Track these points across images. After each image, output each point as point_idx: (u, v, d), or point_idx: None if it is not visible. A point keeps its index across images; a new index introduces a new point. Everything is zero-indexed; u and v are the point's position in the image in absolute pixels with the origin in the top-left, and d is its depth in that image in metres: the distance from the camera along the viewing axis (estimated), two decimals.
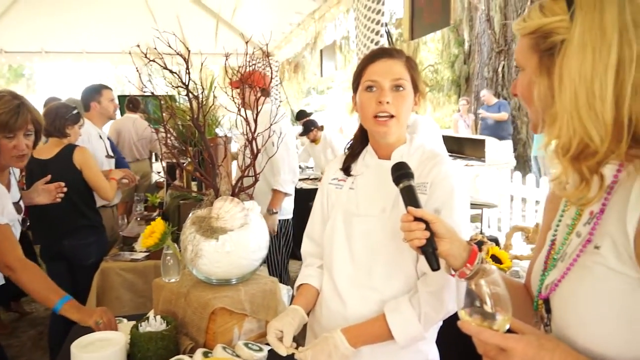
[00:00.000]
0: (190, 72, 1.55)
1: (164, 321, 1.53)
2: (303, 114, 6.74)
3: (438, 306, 1.24)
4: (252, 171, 1.61)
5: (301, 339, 1.39)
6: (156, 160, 5.84)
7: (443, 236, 1.03)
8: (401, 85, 1.31)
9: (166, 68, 1.54)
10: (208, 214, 1.52)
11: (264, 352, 1.46)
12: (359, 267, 1.35)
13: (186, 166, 2.64)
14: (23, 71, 20.04)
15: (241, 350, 1.45)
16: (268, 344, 1.31)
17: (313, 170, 6.34)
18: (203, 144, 1.64)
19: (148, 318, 1.54)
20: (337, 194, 1.45)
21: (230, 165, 3.00)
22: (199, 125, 1.60)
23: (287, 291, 1.93)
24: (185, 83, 1.55)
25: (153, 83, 1.66)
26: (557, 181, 0.85)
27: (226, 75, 1.71)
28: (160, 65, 1.53)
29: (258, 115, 1.61)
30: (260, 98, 1.67)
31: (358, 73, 1.38)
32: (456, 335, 0.87)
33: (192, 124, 1.61)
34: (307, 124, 6.02)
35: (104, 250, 3.00)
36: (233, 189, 1.60)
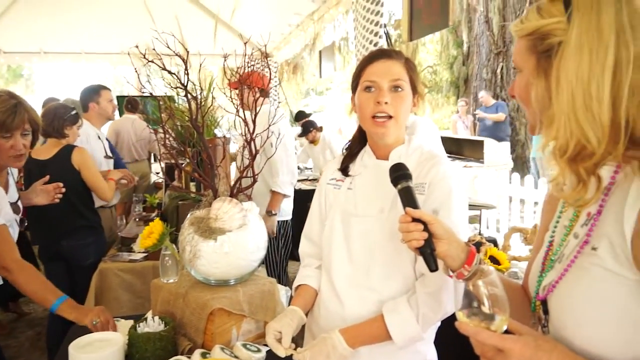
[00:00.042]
0: (189, 73, 1.55)
1: (162, 322, 1.53)
2: (302, 115, 6.73)
3: (436, 307, 1.24)
4: (251, 172, 1.61)
5: (299, 340, 1.39)
6: (155, 161, 5.84)
7: (441, 237, 1.03)
8: (400, 86, 1.31)
9: (165, 69, 1.54)
10: (206, 215, 1.52)
11: (262, 353, 1.46)
12: (357, 268, 1.34)
13: (185, 167, 2.64)
14: (22, 72, 20.01)
15: (239, 351, 1.45)
16: (266, 345, 1.31)
17: (312, 171, 6.34)
18: (201, 145, 1.64)
19: (146, 319, 1.54)
20: (335, 194, 1.45)
21: (228, 166, 3.00)
22: (198, 126, 1.60)
23: (286, 292, 1.93)
24: (184, 84, 1.55)
25: (152, 84, 1.66)
26: (555, 182, 0.85)
27: (225, 76, 1.71)
28: (159, 66, 1.53)
29: (256, 116, 1.61)
30: (258, 99, 1.67)
31: (357, 74, 1.38)
32: (454, 335, 0.87)
33: (191, 125, 1.61)
34: (306, 125, 6.02)
35: (103, 250, 3.00)
36: (231, 190, 1.60)
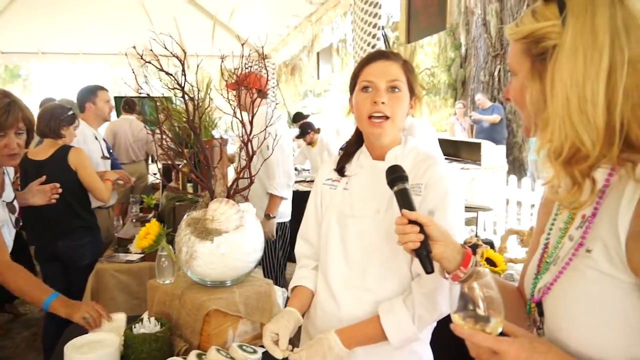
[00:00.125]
0: (186, 74, 1.55)
1: (158, 323, 1.53)
2: (300, 116, 6.73)
3: (431, 308, 1.24)
4: (248, 173, 1.61)
5: (296, 341, 1.39)
6: (152, 161, 5.84)
7: (437, 239, 1.04)
8: (397, 86, 1.31)
9: (162, 70, 1.54)
10: (203, 216, 1.52)
11: (258, 354, 1.46)
12: (353, 268, 1.35)
13: (182, 168, 2.64)
14: (19, 72, 19.97)
15: (235, 352, 1.45)
16: (262, 346, 1.31)
17: (309, 172, 6.34)
18: (199, 146, 1.64)
19: (142, 319, 1.54)
20: (331, 195, 1.45)
21: (225, 167, 3.00)
22: (195, 127, 1.60)
23: (282, 293, 1.92)
24: (181, 85, 1.55)
25: (149, 84, 1.66)
26: (550, 185, 0.85)
27: (222, 77, 1.71)
28: (156, 67, 1.53)
29: (254, 117, 1.61)
30: (256, 100, 1.67)
31: (355, 74, 1.39)
32: (450, 336, 0.87)
33: (188, 126, 1.61)
34: (304, 127, 6.02)
35: (99, 251, 3.00)
36: (228, 191, 1.60)
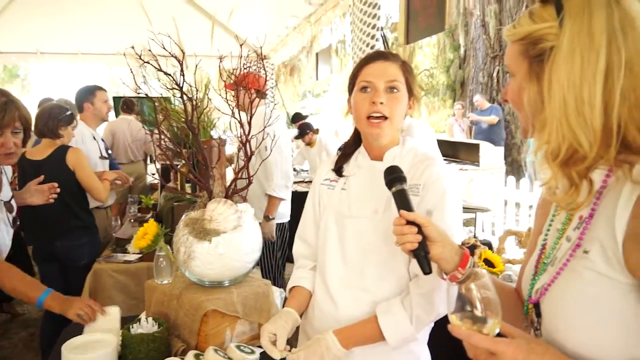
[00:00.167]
0: (184, 74, 1.55)
1: (156, 323, 1.53)
2: (298, 117, 6.74)
3: (429, 308, 1.24)
4: (246, 174, 1.61)
5: (294, 341, 1.39)
6: (151, 162, 5.83)
7: (435, 240, 1.04)
8: (395, 87, 1.32)
9: (160, 70, 1.53)
10: (201, 216, 1.52)
11: (256, 355, 1.46)
12: (351, 269, 1.35)
13: (180, 168, 2.64)
14: (18, 72, 19.94)
15: (233, 352, 1.45)
16: (260, 347, 1.31)
17: (308, 173, 6.34)
18: (197, 146, 1.64)
19: (140, 320, 1.53)
20: (329, 195, 1.45)
21: (224, 167, 3.00)
22: (193, 127, 1.60)
23: (280, 294, 1.92)
24: (179, 85, 1.55)
25: (148, 85, 1.66)
26: (547, 186, 0.85)
27: (220, 77, 1.71)
28: (154, 67, 1.53)
29: (252, 117, 1.61)
30: (254, 100, 1.67)
31: (354, 75, 1.39)
32: (448, 337, 0.87)
33: (186, 126, 1.61)
34: (303, 127, 6.02)
35: (97, 251, 2.99)
36: (227, 191, 1.60)
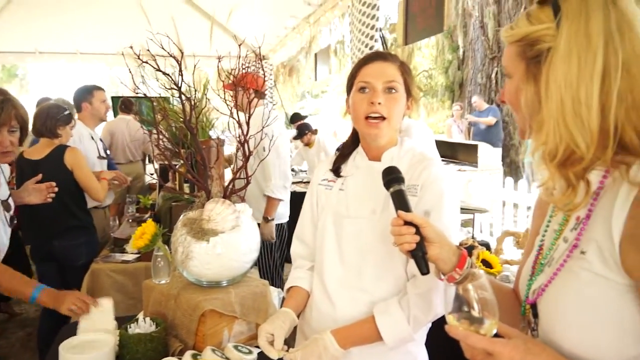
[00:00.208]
0: (183, 74, 1.55)
1: (154, 323, 1.53)
2: (297, 117, 6.74)
3: (426, 309, 1.24)
4: (244, 174, 1.61)
5: (291, 342, 1.39)
6: (149, 162, 5.83)
7: (433, 240, 1.04)
8: (393, 87, 1.32)
9: (159, 70, 1.53)
10: (199, 216, 1.52)
11: (254, 355, 1.46)
12: (349, 269, 1.35)
13: (178, 168, 2.64)
14: (16, 71, 19.91)
15: (231, 352, 1.45)
16: (258, 347, 1.31)
17: (307, 173, 6.34)
18: (195, 146, 1.64)
19: (137, 320, 1.53)
20: (327, 195, 1.45)
21: (222, 167, 3.00)
22: (191, 127, 1.60)
23: (278, 294, 1.93)
24: (178, 85, 1.55)
25: (146, 84, 1.66)
26: (545, 187, 0.86)
27: (219, 77, 1.71)
28: (153, 67, 1.53)
29: (250, 117, 1.61)
30: (253, 100, 1.67)
31: (352, 75, 1.39)
32: (445, 338, 0.87)
33: (185, 126, 1.61)
34: (301, 128, 6.03)
35: (95, 251, 2.99)
36: (225, 191, 1.60)
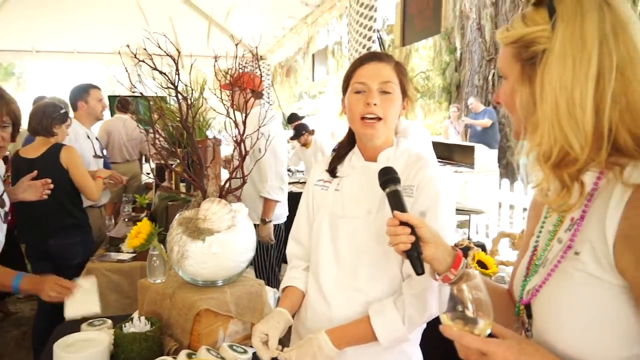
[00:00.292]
0: (179, 74, 1.55)
1: (149, 322, 1.52)
2: (294, 117, 6.74)
3: (421, 309, 1.24)
4: (240, 173, 1.61)
5: (286, 342, 1.39)
6: (146, 161, 5.81)
7: (428, 241, 1.04)
8: (389, 88, 1.32)
9: (156, 69, 1.53)
10: (195, 215, 1.52)
11: (249, 355, 1.46)
12: (344, 269, 1.35)
13: (175, 167, 2.64)
14: (13, 70, 19.85)
15: (226, 352, 1.45)
16: (253, 347, 1.31)
17: (303, 174, 6.34)
18: (192, 146, 1.64)
19: (132, 319, 1.53)
20: (323, 195, 1.45)
21: (219, 167, 2.99)
22: (188, 126, 1.60)
23: (274, 294, 1.92)
24: (174, 84, 1.55)
25: (143, 84, 1.66)
26: (539, 188, 0.86)
27: (216, 77, 1.71)
28: (149, 65, 1.53)
29: (247, 117, 1.61)
30: (249, 100, 1.67)
31: (348, 75, 1.39)
32: (439, 338, 0.88)
33: (181, 125, 1.61)
34: (298, 128, 6.02)
35: (90, 250, 2.98)
36: (221, 191, 1.60)
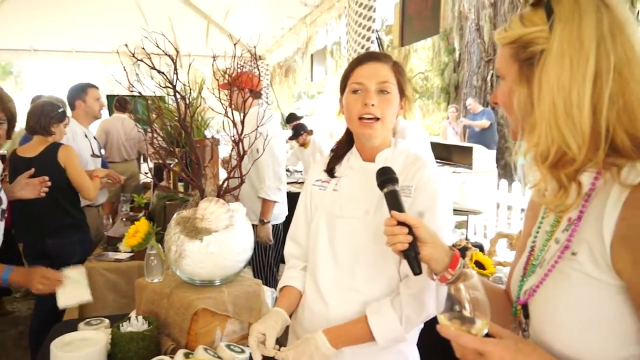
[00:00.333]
0: (178, 73, 1.55)
1: (146, 321, 1.52)
2: (293, 117, 6.75)
3: (419, 309, 1.25)
4: (238, 173, 1.61)
5: (284, 341, 1.39)
6: (144, 161, 5.81)
7: (426, 241, 1.04)
8: (387, 88, 1.32)
9: (154, 68, 1.53)
10: (193, 215, 1.52)
11: (246, 354, 1.46)
12: (342, 269, 1.35)
13: (173, 167, 2.63)
14: (11, 69, 19.82)
15: (223, 351, 1.45)
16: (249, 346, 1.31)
17: (302, 174, 6.34)
18: (190, 145, 1.64)
19: (130, 318, 1.53)
20: (321, 196, 1.45)
21: (217, 166, 2.99)
22: (186, 125, 1.60)
23: (272, 293, 1.92)
24: (172, 83, 1.55)
25: (142, 83, 1.66)
26: (537, 188, 0.86)
27: (214, 77, 1.71)
28: (148, 65, 1.53)
29: (245, 117, 1.61)
30: (247, 99, 1.67)
31: (345, 76, 1.39)
32: (436, 338, 0.88)
33: (179, 125, 1.61)
34: (297, 128, 6.03)
35: (88, 249, 2.98)
36: (219, 190, 1.60)
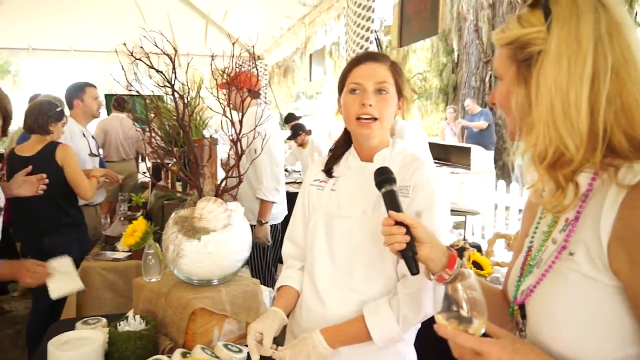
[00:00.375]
0: (176, 72, 1.55)
1: (144, 321, 1.52)
2: (291, 117, 6.75)
3: (416, 309, 1.25)
4: (236, 172, 1.61)
5: (281, 340, 1.39)
6: (142, 160, 5.80)
7: (423, 241, 1.04)
8: (384, 88, 1.33)
9: (152, 67, 1.53)
10: (191, 214, 1.52)
11: (244, 354, 1.46)
12: (339, 268, 1.35)
13: (171, 166, 2.63)
14: (9, 68, 19.76)
15: (220, 351, 1.45)
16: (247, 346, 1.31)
17: (300, 174, 6.34)
18: (188, 145, 1.64)
19: (127, 317, 1.53)
20: (319, 195, 1.46)
21: (215, 166, 2.99)
22: (184, 125, 1.60)
23: (269, 293, 1.92)
24: (171, 82, 1.55)
25: (140, 82, 1.65)
26: (534, 189, 0.86)
27: (212, 76, 1.70)
28: (146, 64, 1.53)
29: (243, 116, 1.61)
30: (246, 99, 1.67)
31: (343, 76, 1.40)
32: (434, 338, 0.88)
33: (177, 124, 1.61)
34: (295, 128, 6.03)
35: (86, 248, 2.98)
36: (217, 190, 1.60)
